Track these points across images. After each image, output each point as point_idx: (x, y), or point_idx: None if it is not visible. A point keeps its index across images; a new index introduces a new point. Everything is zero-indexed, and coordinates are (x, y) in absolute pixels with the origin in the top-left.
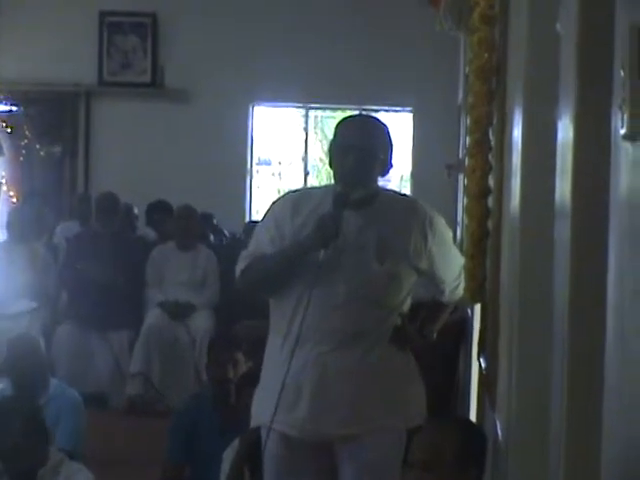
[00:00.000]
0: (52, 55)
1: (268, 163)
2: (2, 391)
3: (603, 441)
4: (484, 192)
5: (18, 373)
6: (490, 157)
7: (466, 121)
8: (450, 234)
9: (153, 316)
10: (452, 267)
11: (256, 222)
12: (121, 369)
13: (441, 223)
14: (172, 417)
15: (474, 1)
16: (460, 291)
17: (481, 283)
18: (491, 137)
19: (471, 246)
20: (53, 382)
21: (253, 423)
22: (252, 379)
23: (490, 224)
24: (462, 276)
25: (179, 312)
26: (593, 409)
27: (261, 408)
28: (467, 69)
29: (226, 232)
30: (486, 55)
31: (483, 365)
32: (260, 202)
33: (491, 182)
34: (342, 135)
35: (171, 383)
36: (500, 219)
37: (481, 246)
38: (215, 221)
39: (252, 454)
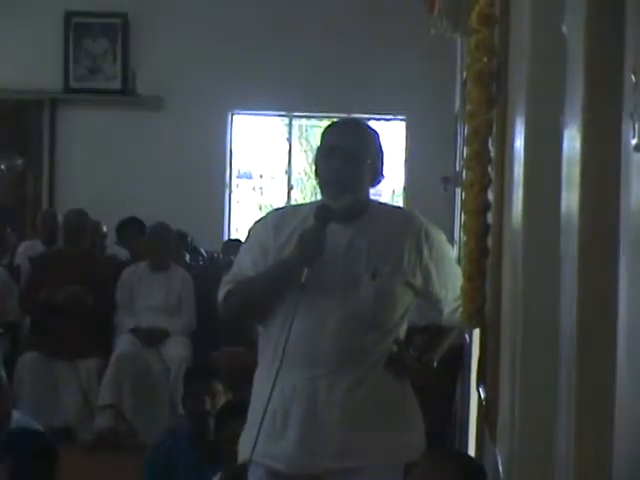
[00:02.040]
0: (13, 59)
1: (249, 176)
2: None
3: (614, 479)
4: (483, 207)
5: None
6: (490, 169)
7: (463, 131)
8: (451, 250)
9: (123, 343)
10: (451, 285)
11: (236, 240)
12: (89, 401)
13: (439, 236)
14: (145, 453)
15: (473, 1)
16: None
17: (480, 306)
18: (491, 148)
19: (469, 265)
20: (15, 415)
21: (240, 459)
22: (232, 411)
23: (490, 241)
24: None
25: (152, 339)
26: (604, 443)
27: (248, 443)
28: (464, 75)
29: (203, 251)
30: (485, 59)
31: (482, 395)
32: (240, 219)
33: (490, 196)
34: (327, 139)
35: (144, 416)
36: (501, 236)
37: (480, 265)
38: (190, 239)
39: None
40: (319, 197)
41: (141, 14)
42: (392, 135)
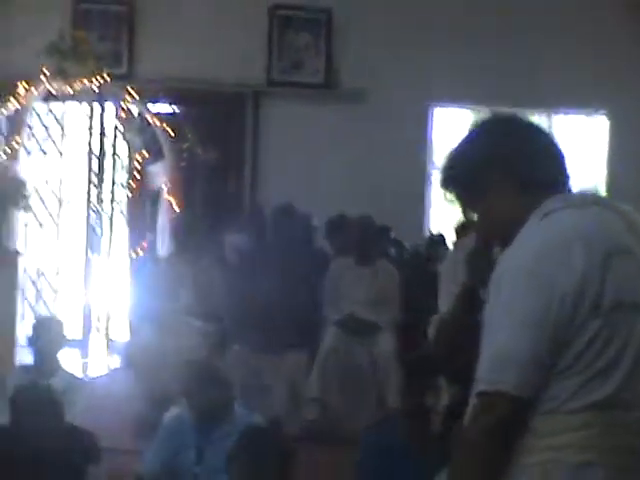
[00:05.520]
0: (218, 52)
1: None
2: (180, 417)
3: None
4: None
5: (199, 398)
6: None
7: None
8: None
9: (331, 336)
10: None
11: (439, 236)
12: (297, 394)
13: None
14: (360, 452)
15: None
16: None
17: None
18: None
19: None
20: (239, 411)
21: None
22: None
23: None
24: None
25: (360, 329)
26: None
27: None
28: None
29: (407, 245)
30: None
31: None
32: (440, 212)
33: None
34: None
35: (350, 409)
36: None
37: None
38: (393, 234)
39: None
40: None
41: (345, 9)
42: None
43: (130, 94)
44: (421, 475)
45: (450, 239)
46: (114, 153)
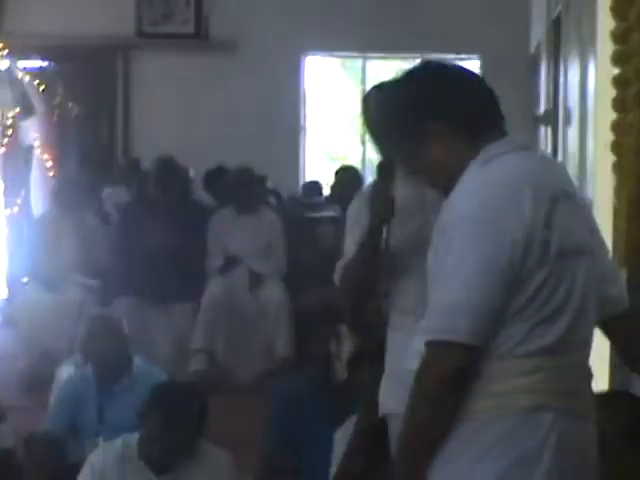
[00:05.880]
0: (85, 5)
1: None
2: (78, 373)
3: None
4: None
5: (100, 353)
6: None
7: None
8: None
9: (216, 285)
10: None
11: (315, 182)
12: (184, 345)
13: None
14: (273, 405)
15: None
16: None
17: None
18: None
19: (628, 207)
20: (137, 362)
21: (381, 412)
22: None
23: None
24: None
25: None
26: None
27: (391, 396)
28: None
29: (282, 194)
30: None
31: None
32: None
33: None
34: None
35: (238, 359)
36: None
37: None
38: (269, 184)
39: (375, 442)
40: None
41: None
42: None
43: None
44: (329, 423)
45: (325, 187)
46: None
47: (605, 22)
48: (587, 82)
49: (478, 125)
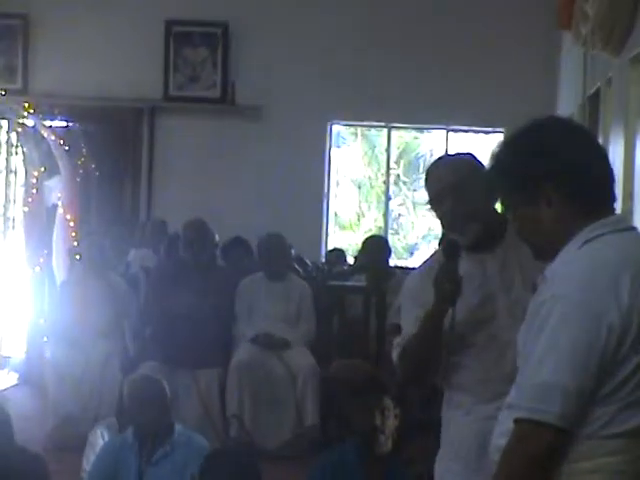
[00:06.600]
0: (114, 68)
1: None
2: (123, 438)
3: None
4: None
5: (144, 419)
6: None
7: None
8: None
9: (243, 351)
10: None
11: (339, 250)
12: (209, 411)
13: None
14: (311, 468)
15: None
16: None
17: None
18: None
19: None
20: (178, 428)
21: None
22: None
23: None
24: None
25: (273, 344)
26: None
27: (446, 470)
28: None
29: (308, 262)
30: None
31: None
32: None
33: None
34: (429, 187)
35: (266, 425)
36: None
37: None
38: (295, 250)
39: None
40: None
41: (242, 24)
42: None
43: (26, 109)
44: None
45: (349, 254)
46: (8, 169)
47: None
48: (635, 157)
49: (595, 202)
